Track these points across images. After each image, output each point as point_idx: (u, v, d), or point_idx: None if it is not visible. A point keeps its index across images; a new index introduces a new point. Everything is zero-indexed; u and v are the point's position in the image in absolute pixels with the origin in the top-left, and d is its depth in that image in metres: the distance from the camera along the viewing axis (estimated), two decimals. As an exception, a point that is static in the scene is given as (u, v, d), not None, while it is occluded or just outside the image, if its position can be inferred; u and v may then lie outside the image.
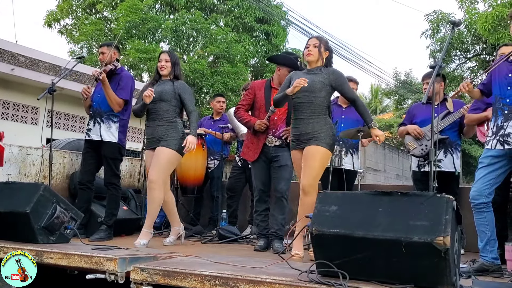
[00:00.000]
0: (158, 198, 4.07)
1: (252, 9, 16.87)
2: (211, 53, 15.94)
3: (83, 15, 17.41)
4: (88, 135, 4.63)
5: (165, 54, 4.34)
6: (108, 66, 4.56)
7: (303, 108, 3.73)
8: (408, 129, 4.69)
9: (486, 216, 3.28)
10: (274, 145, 4.21)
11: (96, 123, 4.59)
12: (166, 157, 4.09)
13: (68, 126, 11.83)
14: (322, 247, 2.33)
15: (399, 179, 18.20)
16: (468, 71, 16.10)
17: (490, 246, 3.27)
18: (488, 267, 3.21)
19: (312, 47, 3.78)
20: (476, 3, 13.69)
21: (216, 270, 2.53)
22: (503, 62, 3.36)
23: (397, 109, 27.22)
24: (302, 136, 3.71)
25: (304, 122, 3.71)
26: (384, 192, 2.34)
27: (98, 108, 4.61)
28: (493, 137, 3.34)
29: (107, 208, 4.64)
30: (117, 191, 4.65)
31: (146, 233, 4.07)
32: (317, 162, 3.61)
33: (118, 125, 4.59)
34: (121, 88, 4.55)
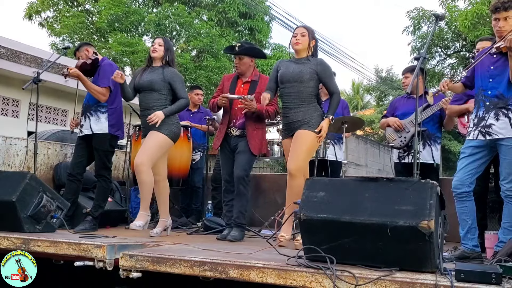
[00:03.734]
0: (147, 180, 4.03)
1: (236, 3, 16.87)
2: (194, 47, 15.90)
3: (65, 8, 17.17)
4: (81, 131, 4.63)
5: (159, 39, 4.34)
6: (81, 60, 4.56)
7: (292, 97, 3.78)
8: (389, 122, 4.78)
9: (467, 205, 3.37)
10: (235, 135, 4.24)
11: (87, 118, 4.57)
12: (155, 141, 4.06)
13: (50, 119, 11.70)
14: (310, 232, 2.38)
15: (381, 174, 18.39)
16: (449, 67, 16.35)
17: (471, 234, 3.36)
18: (469, 254, 3.30)
19: (300, 36, 3.82)
20: (456, 1, 13.92)
21: (205, 256, 2.56)
22: (486, 56, 3.43)
23: (378, 105, 27.49)
24: (293, 124, 3.76)
25: (294, 111, 3.76)
26: (370, 178, 2.40)
27: (87, 103, 4.62)
28: (475, 128, 3.42)
29: (95, 199, 4.62)
30: (106, 183, 4.60)
31: (143, 215, 4.06)
32: (304, 146, 3.66)
33: (107, 115, 4.54)
34: (100, 77, 4.52)
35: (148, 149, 4.04)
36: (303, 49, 3.84)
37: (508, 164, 3.28)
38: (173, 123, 4.17)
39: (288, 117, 3.81)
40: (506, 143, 3.28)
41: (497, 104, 3.33)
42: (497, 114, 3.32)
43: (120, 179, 6.02)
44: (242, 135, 4.22)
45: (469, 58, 14.85)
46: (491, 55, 3.42)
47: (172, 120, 4.18)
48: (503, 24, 3.29)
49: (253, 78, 4.35)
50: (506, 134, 3.28)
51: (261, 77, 4.38)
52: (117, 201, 5.39)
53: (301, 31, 3.86)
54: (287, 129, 3.84)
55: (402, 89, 19.74)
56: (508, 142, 3.28)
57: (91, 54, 4.62)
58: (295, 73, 3.77)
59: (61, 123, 11.81)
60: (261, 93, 4.13)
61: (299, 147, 3.66)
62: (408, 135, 4.66)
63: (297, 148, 3.66)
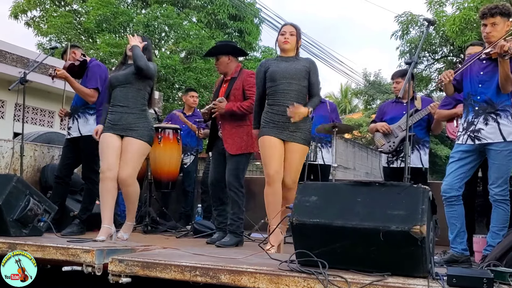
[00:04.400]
0: (134, 192, 3.94)
1: (225, 5, 16.86)
2: (183, 49, 15.86)
3: (52, 7, 17.03)
4: (69, 133, 4.58)
5: (139, 37, 4.11)
6: (68, 62, 4.52)
7: (290, 95, 3.61)
8: (378, 126, 4.81)
9: (456, 209, 3.40)
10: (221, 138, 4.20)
11: (75, 120, 4.54)
12: (136, 150, 3.86)
13: (36, 120, 11.57)
14: (302, 237, 2.37)
15: (368, 177, 18.50)
16: (436, 72, 16.50)
17: (459, 238, 3.39)
18: (458, 258, 3.33)
19: (289, 35, 3.71)
20: (444, 6, 14.05)
21: (196, 261, 2.53)
22: (474, 60, 3.46)
23: (366, 109, 27.66)
24: (286, 125, 3.58)
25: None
26: (362, 182, 2.39)
27: (75, 105, 4.59)
28: (464, 132, 3.45)
29: (82, 202, 4.57)
30: (94, 186, 4.49)
31: (130, 226, 4.01)
32: (300, 160, 3.70)
33: (95, 116, 4.51)
34: (88, 79, 4.49)
35: (134, 160, 3.85)
36: (291, 48, 3.73)
37: (497, 168, 3.31)
38: (151, 127, 3.99)
39: (282, 115, 3.57)
40: (495, 147, 3.32)
41: (486, 109, 3.37)
42: (486, 119, 3.35)
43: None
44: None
45: (456, 63, 15.03)
46: (480, 61, 3.46)
47: (150, 125, 4.00)
48: (490, 30, 3.35)
49: (233, 75, 4.27)
50: (495, 139, 3.32)
51: (242, 72, 4.28)
52: (105, 204, 5.33)
53: (290, 29, 3.72)
54: (276, 127, 3.61)
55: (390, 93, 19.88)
56: (497, 146, 3.31)
57: (78, 56, 4.57)
58: (291, 70, 3.63)
59: (48, 124, 11.69)
60: (239, 89, 4.16)
61: (296, 162, 3.66)
62: (396, 140, 4.69)
63: (294, 163, 3.65)
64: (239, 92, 4.17)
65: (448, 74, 3.44)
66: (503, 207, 3.31)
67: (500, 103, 3.35)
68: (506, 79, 3.22)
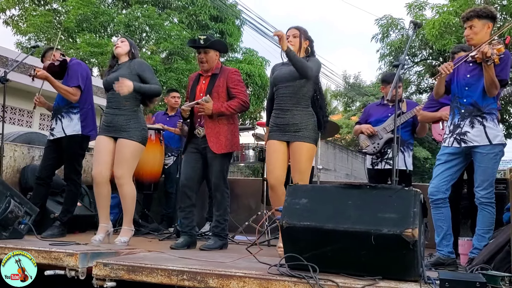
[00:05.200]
0: (130, 192, 3.90)
1: (207, 7, 16.79)
2: (164, 49, 15.73)
3: (31, 6, 16.71)
4: (52, 134, 4.46)
5: (122, 38, 4.20)
6: (47, 62, 4.43)
7: (287, 98, 3.66)
8: (362, 128, 4.83)
9: (443, 211, 3.41)
10: (203, 135, 3.98)
11: (58, 120, 4.42)
12: (130, 151, 3.91)
13: (14, 120, 11.34)
14: (292, 240, 2.34)
15: (349, 178, 18.63)
16: (415, 75, 16.71)
17: (446, 240, 3.40)
18: (444, 261, 3.34)
19: (292, 38, 3.69)
20: (424, 10, 14.22)
21: (183, 265, 2.48)
22: (461, 63, 3.49)
23: (346, 110, 27.87)
24: (288, 127, 3.64)
25: (290, 113, 3.64)
26: (353, 185, 2.37)
27: (57, 105, 4.48)
28: (450, 135, 3.47)
29: (63, 204, 4.47)
30: (76, 188, 4.46)
31: (127, 231, 3.92)
32: (304, 158, 3.63)
33: (79, 115, 4.41)
34: (70, 77, 4.39)
35: (126, 160, 3.88)
36: (295, 50, 3.66)
37: (482, 171, 3.33)
38: (142, 128, 4.00)
39: (283, 118, 3.67)
40: (480, 150, 3.34)
41: (472, 112, 3.39)
42: (472, 122, 3.38)
43: (90, 183, 5.83)
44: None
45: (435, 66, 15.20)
46: (467, 63, 3.48)
47: (142, 125, 4.01)
48: (468, 33, 3.43)
49: (214, 71, 4.08)
50: (480, 141, 3.35)
51: (223, 69, 4.11)
52: (86, 206, 5.24)
53: (293, 32, 3.73)
54: (279, 130, 3.70)
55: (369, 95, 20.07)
56: (482, 149, 3.34)
57: (58, 57, 4.48)
58: (287, 73, 3.65)
59: (27, 124, 11.46)
60: (222, 86, 3.98)
61: (303, 162, 3.63)
62: (381, 142, 4.70)
63: (301, 162, 3.62)
64: (223, 90, 4.00)
65: (448, 66, 3.42)
66: (488, 209, 3.34)
67: (486, 106, 3.37)
68: (491, 83, 3.25)
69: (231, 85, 4.01)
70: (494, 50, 3.11)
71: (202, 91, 4.04)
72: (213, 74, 4.07)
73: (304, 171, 3.64)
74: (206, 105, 3.86)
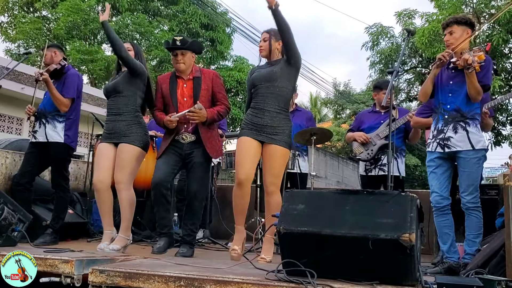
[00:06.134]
0: (128, 198, 3.88)
1: (197, 14, 16.82)
2: (155, 57, 15.72)
3: (20, 13, 16.65)
4: (34, 137, 4.42)
5: (128, 43, 4.14)
6: (53, 65, 4.39)
7: (267, 98, 3.58)
8: (355, 136, 4.87)
9: (448, 218, 3.46)
10: (189, 142, 3.89)
11: (42, 124, 4.39)
12: (130, 155, 3.88)
13: (4, 127, 11.24)
14: (289, 246, 2.34)
15: (340, 185, 18.67)
16: (405, 83, 16.84)
17: (453, 247, 3.44)
18: (456, 267, 3.33)
19: (262, 42, 3.71)
20: (413, 18, 14.34)
21: (180, 271, 2.47)
22: (444, 71, 3.58)
23: (336, 118, 28.00)
24: (265, 128, 3.56)
25: (269, 114, 3.57)
26: (350, 190, 2.39)
27: (43, 109, 4.45)
28: (434, 140, 3.56)
29: (54, 211, 4.43)
30: (65, 194, 4.43)
31: (121, 239, 3.88)
32: (279, 162, 3.55)
33: (63, 124, 4.39)
34: (66, 87, 4.38)
35: (126, 165, 3.86)
36: (266, 53, 3.70)
37: (467, 176, 3.38)
38: (144, 133, 4.00)
39: (261, 118, 3.57)
40: (464, 155, 3.41)
41: (455, 118, 3.46)
42: (455, 127, 3.45)
43: (81, 190, 5.81)
44: (197, 140, 3.89)
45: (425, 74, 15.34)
46: (449, 70, 3.56)
47: (143, 130, 4.01)
48: (448, 38, 3.54)
49: (194, 74, 3.96)
50: (463, 147, 3.42)
51: (204, 72, 4.02)
52: (78, 213, 5.19)
53: (263, 36, 3.73)
54: (254, 129, 3.59)
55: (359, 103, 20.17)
56: (466, 154, 3.40)
57: (59, 59, 4.46)
58: (268, 73, 3.61)
59: (16, 131, 11.36)
60: (208, 90, 3.92)
61: (276, 166, 3.54)
62: (375, 148, 4.74)
63: (275, 166, 3.53)
64: (209, 94, 3.94)
65: (446, 54, 3.49)
66: (476, 214, 3.38)
67: (470, 111, 3.45)
68: (474, 90, 3.33)
69: (217, 90, 3.97)
70: (475, 57, 3.20)
71: (186, 95, 3.92)
72: (195, 77, 3.96)
73: (277, 175, 3.56)
74: (200, 113, 3.78)
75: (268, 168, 3.56)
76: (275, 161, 3.54)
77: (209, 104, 3.93)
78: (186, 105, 3.89)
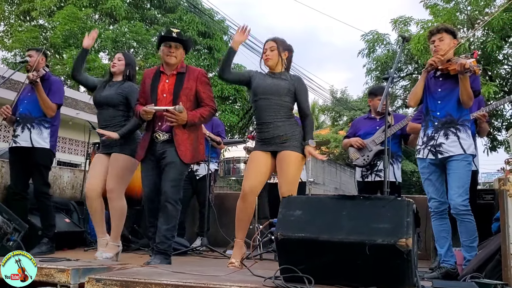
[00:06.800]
0: (119, 207, 3.90)
1: (195, 22, 16.86)
2: (152, 65, 15.72)
3: (17, 22, 16.67)
4: (15, 142, 4.35)
5: (120, 54, 4.20)
6: (42, 70, 4.39)
7: (270, 111, 3.56)
8: (351, 142, 4.89)
9: (446, 222, 3.48)
10: (162, 141, 3.64)
11: (26, 129, 4.34)
12: (121, 164, 3.91)
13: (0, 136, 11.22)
14: (287, 252, 2.34)
15: (337, 192, 18.67)
16: (402, 89, 16.88)
17: (450, 251, 3.45)
18: (453, 272, 3.34)
19: (269, 51, 3.65)
20: (409, 25, 14.41)
21: (177, 279, 2.46)
22: (431, 79, 3.63)
23: (333, 125, 28.06)
24: (273, 139, 3.55)
25: (274, 125, 3.55)
26: (347, 196, 2.39)
27: (28, 113, 4.38)
28: (424, 147, 3.59)
29: (43, 220, 4.40)
30: (49, 201, 4.43)
31: (112, 246, 3.89)
32: (292, 167, 3.50)
33: (49, 131, 4.40)
34: (53, 93, 4.39)
35: (118, 174, 3.89)
36: (274, 64, 3.67)
37: (458, 177, 3.40)
38: (134, 142, 3.99)
39: (267, 132, 3.57)
40: (456, 158, 3.44)
41: (445, 124, 3.50)
42: (446, 133, 3.49)
43: (78, 199, 5.80)
44: (170, 139, 3.63)
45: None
46: (436, 79, 3.61)
47: (134, 139, 4.01)
48: (438, 43, 3.59)
49: (179, 70, 3.73)
50: (456, 151, 3.46)
51: (189, 69, 3.79)
52: (75, 222, 5.19)
53: (270, 45, 3.67)
54: (264, 144, 3.60)
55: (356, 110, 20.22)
56: (457, 157, 3.44)
57: (43, 65, 4.48)
58: (272, 86, 3.58)
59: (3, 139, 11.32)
60: (191, 89, 3.68)
61: (291, 172, 3.49)
62: (371, 154, 4.75)
63: (288, 172, 3.48)
64: (192, 93, 3.69)
65: (436, 59, 3.55)
66: (468, 218, 3.38)
67: (460, 117, 3.50)
68: (467, 95, 3.38)
69: (202, 89, 3.73)
70: (471, 62, 3.25)
71: (166, 91, 3.69)
72: (179, 73, 3.73)
73: (292, 182, 3.48)
74: (179, 115, 3.53)
75: (283, 175, 3.50)
76: (288, 167, 3.49)
77: (191, 104, 3.69)
78: (165, 101, 3.65)
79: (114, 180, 3.87)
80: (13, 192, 4.41)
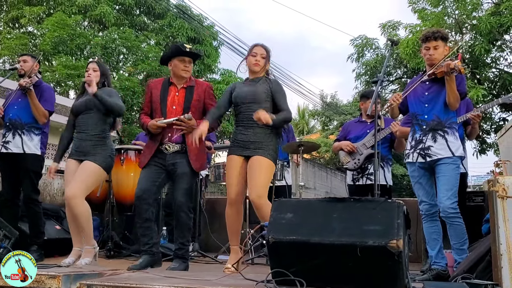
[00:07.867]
0: (85, 211, 3.73)
1: (184, 28, 16.85)
2: (142, 71, 15.70)
3: (5, 29, 16.57)
4: (6, 148, 4.33)
5: (93, 64, 4.06)
6: (35, 77, 4.38)
7: (250, 117, 3.56)
8: (342, 145, 4.91)
9: (437, 224, 3.49)
10: (172, 152, 3.76)
11: (17, 135, 4.32)
12: (89, 171, 3.78)
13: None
14: (278, 255, 2.35)
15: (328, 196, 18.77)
16: (391, 93, 16.99)
17: (441, 253, 3.46)
18: (445, 274, 3.35)
19: (260, 58, 3.70)
20: (397, 30, 14.52)
21: (169, 284, 2.45)
22: (417, 85, 3.66)
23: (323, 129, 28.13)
24: (249, 143, 3.59)
25: (253, 131, 3.59)
26: (337, 198, 2.40)
27: (18, 119, 4.36)
28: (413, 150, 3.61)
29: (32, 227, 4.37)
30: (39, 208, 4.40)
31: (89, 251, 3.82)
32: (263, 172, 3.52)
33: (40, 137, 4.40)
34: (45, 100, 4.38)
35: (81, 180, 3.74)
36: (260, 71, 3.71)
37: (447, 180, 3.42)
38: (109, 154, 3.93)
39: (245, 135, 3.61)
40: (445, 162, 3.46)
41: (433, 127, 3.52)
42: (434, 136, 3.50)
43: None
44: (181, 151, 3.76)
45: (410, 85, 15.49)
46: (423, 83, 3.63)
47: (109, 152, 3.94)
48: (433, 53, 3.55)
49: (189, 83, 3.88)
50: (444, 154, 3.48)
51: (197, 82, 3.95)
52: (66, 229, 5.13)
53: (261, 51, 3.71)
54: (239, 146, 3.63)
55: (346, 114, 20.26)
56: (446, 160, 3.45)
57: (36, 71, 4.47)
58: (250, 94, 3.63)
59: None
60: (200, 100, 3.84)
61: (260, 177, 3.50)
62: (361, 157, 4.78)
63: (258, 177, 3.49)
64: (200, 105, 3.85)
65: (397, 96, 3.62)
66: (458, 221, 3.40)
67: (447, 120, 3.52)
68: (454, 96, 3.41)
69: (209, 101, 3.88)
70: (456, 63, 3.28)
71: (176, 103, 3.82)
72: (189, 86, 3.88)
73: (262, 186, 3.49)
74: (189, 123, 3.69)
75: (253, 180, 3.50)
76: (259, 172, 3.50)
77: (200, 115, 3.82)
78: (174, 113, 3.78)
79: (75, 185, 3.70)
80: (5, 199, 4.37)
